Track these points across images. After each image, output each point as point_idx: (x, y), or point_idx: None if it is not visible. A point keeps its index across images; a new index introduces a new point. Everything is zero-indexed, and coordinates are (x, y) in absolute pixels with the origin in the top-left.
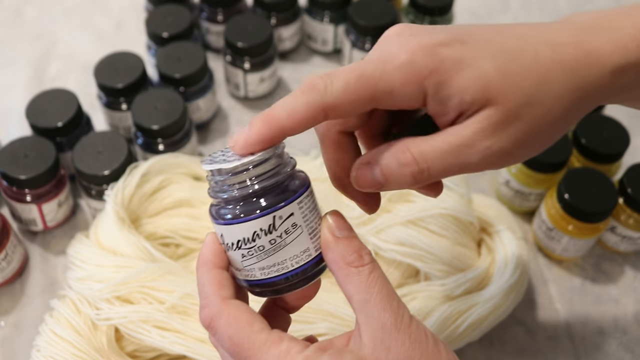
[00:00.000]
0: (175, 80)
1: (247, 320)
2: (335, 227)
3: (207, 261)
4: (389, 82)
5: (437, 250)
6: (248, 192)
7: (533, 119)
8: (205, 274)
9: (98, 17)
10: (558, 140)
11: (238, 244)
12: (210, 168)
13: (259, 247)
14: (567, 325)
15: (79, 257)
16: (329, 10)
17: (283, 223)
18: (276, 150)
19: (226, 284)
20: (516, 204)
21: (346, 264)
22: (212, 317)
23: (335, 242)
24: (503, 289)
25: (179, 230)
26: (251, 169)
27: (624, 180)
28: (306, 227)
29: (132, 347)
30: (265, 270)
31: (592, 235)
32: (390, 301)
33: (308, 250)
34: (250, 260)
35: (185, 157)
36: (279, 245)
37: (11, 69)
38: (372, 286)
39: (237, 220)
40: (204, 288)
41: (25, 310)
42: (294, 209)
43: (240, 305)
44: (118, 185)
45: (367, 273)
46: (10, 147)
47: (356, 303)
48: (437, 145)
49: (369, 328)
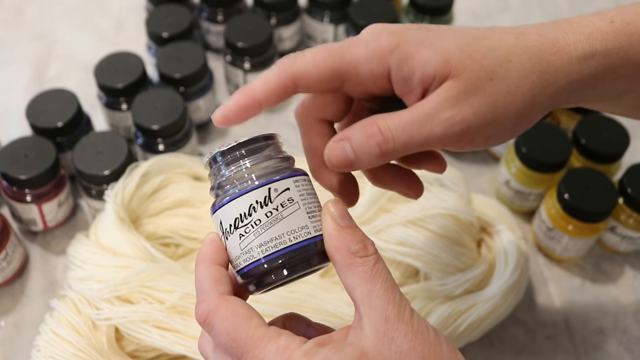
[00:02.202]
0: (175, 80)
1: (245, 316)
2: (338, 215)
3: (205, 258)
4: (354, 57)
5: (437, 250)
6: (242, 170)
7: (497, 94)
8: (203, 269)
9: (98, 17)
10: (558, 140)
11: (235, 222)
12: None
13: (255, 222)
14: (567, 325)
15: (79, 257)
16: (329, 10)
17: (279, 196)
18: (269, 140)
19: (224, 280)
20: (516, 204)
21: (350, 253)
22: (208, 312)
23: (339, 230)
24: (503, 289)
25: (179, 230)
26: (244, 151)
27: (624, 180)
28: (303, 205)
29: (132, 347)
30: (264, 247)
31: (592, 235)
32: (394, 293)
33: (306, 228)
34: (248, 238)
35: (185, 157)
36: (276, 218)
37: (11, 69)
38: (376, 277)
39: (234, 196)
40: (202, 284)
41: (25, 310)
42: (290, 184)
43: (238, 301)
44: (118, 185)
45: (371, 264)
46: (10, 147)
47: (359, 294)
48: (402, 117)
49: (371, 319)
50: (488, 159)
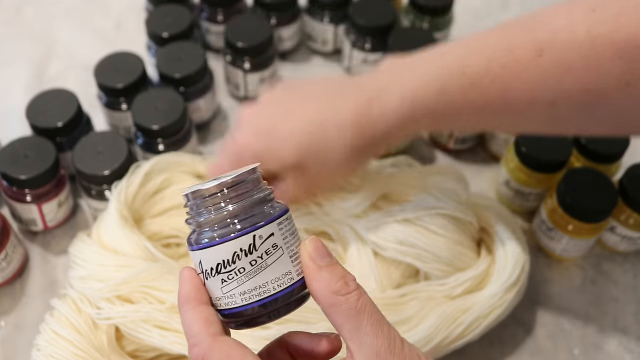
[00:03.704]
0: (175, 80)
1: (239, 356)
2: (316, 254)
3: (190, 299)
4: None
5: (437, 249)
6: (225, 213)
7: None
8: (189, 311)
9: (98, 17)
10: (558, 140)
11: (217, 268)
12: (187, 192)
13: (239, 270)
14: (567, 325)
15: (81, 256)
16: (329, 10)
17: (263, 243)
18: (252, 174)
19: (213, 320)
20: (516, 204)
21: (332, 293)
22: (203, 356)
23: (319, 270)
24: (503, 289)
25: (184, 228)
26: (226, 190)
27: (624, 180)
28: (287, 249)
29: (132, 346)
30: (247, 295)
31: (592, 235)
32: (382, 326)
33: (290, 274)
34: (231, 285)
35: (187, 156)
36: (260, 266)
37: (11, 69)
38: (361, 313)
39: (216, 241)
40: (191, 326)
41: (25, 310)
42: (274, 229)
43: (230, 341)
44: (121, 184)
45: (354, 299)
46: (10, 147)
47: (347, 332)
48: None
49: (362, 356)
50: (488, 159)
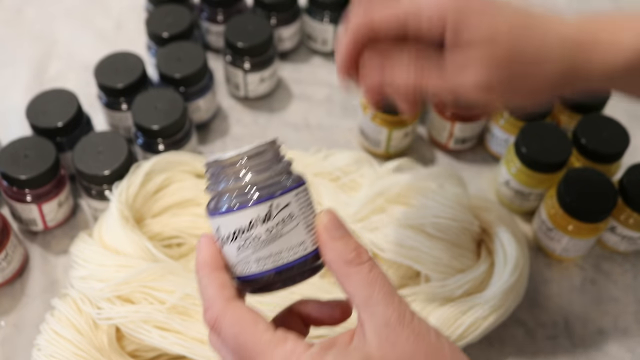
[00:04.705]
0: (175, 80)
1: (251, 320)
2: (331, 226)
3: (206, 264)
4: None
5: (437, 251)
6: (244, 182)
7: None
8: (205, 276)
9: (98, 17)
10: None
11: (234, 234)
12: (208, 160)
13: (255, 237)
14: (567, 325)
15: (82, 256)
16: (329, 10)
17: (279, 212)
18: (272, 146)
19: (228, 285)
20: (516, 204)
21: (345, 263)
22: (216, 318)
23: (333, 241)
24: (502, 290)
25: (186, 229)
26: (246, 160)
27: (624, 180)
28: (303, 219)
29: (132, 346)
30: (262, 262)
31: (592, 235)
32: (392, 297)
33: (304, 243)
34: (246, 251)
35: (187, 155)
36: (275, 235)
37: (11, 69)
38: (373, 284)
39: (234, 209)
40: (207, 290)
41: (25, 310)
42: (291, 199)
43: (244, 305)
44: (122, 184)
45: (366, 271)
46: (10, 147)
47: (358, 301)
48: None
49: (373, 325)
50: (488, 159)
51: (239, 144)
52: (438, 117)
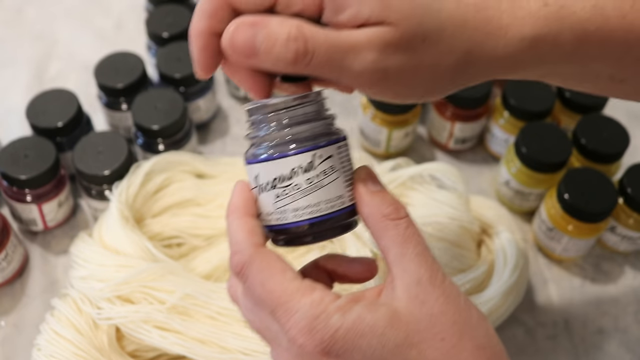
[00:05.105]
0: (175, 80)
1: (280, 268)
2: (369, 180)
3: (238, 209)
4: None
5: (437, 251)
6: (287, 130)
7: (423, 61)
8: (235, 221)
9: (98, 17)
10: (558, 140)
11: (274, 182)
12: (251, 106)
13: (295, 186)
14: (567, 325)
15: (82, 256)
16: None
17: (322, 163)
18: (317, 96)
19: (258, 231)
20: (516, 204)
21: (383, 216)
22: (243, 264)
23: (371, 195)
24: (502, 290)
25: (186, 229)
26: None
27: (624, 180)
28: (343, 173)
29: (132, 346)
30: (299, 212)
31: (592, 235)
32: (426, 257)
33: (342, 197)
34: (285, 200)
35: (187, 155)
36: (316, 185)
37: (11, 69)
38: (408, 240)
39: (277, 156)
40: (236, 235)
41: (25, 310)
42: (334, 151)
43: (272, 253)
44: (122, 184)
45: (404, 227)
46: (10, 147)
47: (393, 256)
48: (330, 36)
49: (404, 282)
50: (488, 159)
51: (239, 144)
52: (438, 117)
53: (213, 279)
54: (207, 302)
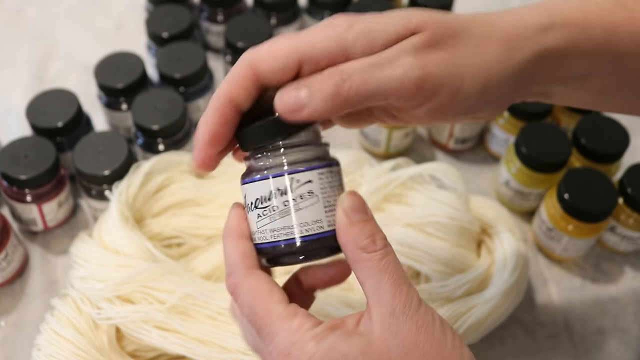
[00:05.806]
0: (175, 80)
1: (267, 291)
2: (350, 209)
3: (232, 231)
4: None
5: (437, 251)
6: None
7: (460, 51)
8: (230, 243)
9: (98, 17)
10: (558, 140)
11: (255, 202)
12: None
13: (272, 207)
14: (567, 325)
15: (82, 256)
16: (329, 10)
17: (299, 187)
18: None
19: (250, 254)
20: (516, 204)
21: (358, 249)
22: (235, 285)
23: (349, 225)
24: (502, 290)
25: (186, 229)
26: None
27: (624, 180)
28: (323, 199)
29: (132, 346)
30: (275, 233)
31: (592, 235)
32: (401, 287)
33: (320, 222)
34: (264, 220)
35: (187, 154)
36: (292, 208)
37: (11, 69)
38: (382, 272)
39: (259, 178)
40: (230, 257)
41: (25, 310)
42: (313, 177)
43: (263, 276)
44: (122, 184)
45: (378, 259)
46: (10, 147)
47: (368, 288)
48: (361, 60)
49: (378, 313)
50: (488, 159)
51: None
52: None
53: (213, 279)
54: (207, 302)
